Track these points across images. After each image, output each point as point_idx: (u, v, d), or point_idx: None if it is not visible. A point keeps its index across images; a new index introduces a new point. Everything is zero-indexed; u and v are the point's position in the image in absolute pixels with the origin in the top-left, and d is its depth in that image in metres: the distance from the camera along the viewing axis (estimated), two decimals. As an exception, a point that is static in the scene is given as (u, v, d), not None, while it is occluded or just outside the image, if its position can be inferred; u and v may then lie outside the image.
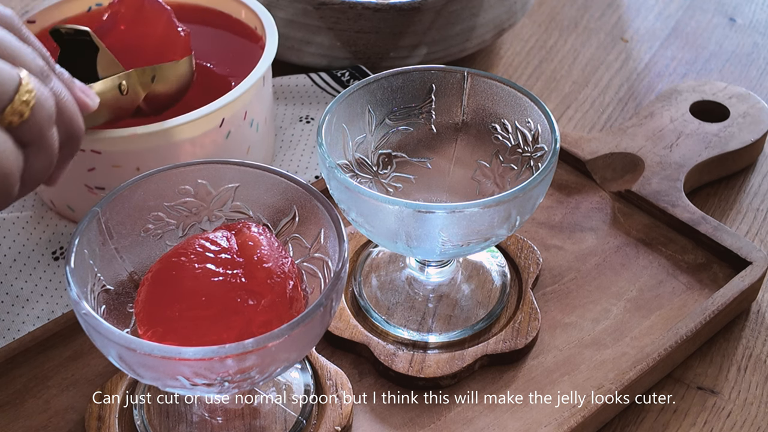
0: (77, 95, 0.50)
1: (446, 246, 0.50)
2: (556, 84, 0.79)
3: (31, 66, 0.45)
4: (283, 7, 0.73)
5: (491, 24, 0.76)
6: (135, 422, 0.50)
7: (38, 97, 0.44)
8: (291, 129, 0.71)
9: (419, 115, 0.57)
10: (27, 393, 0.53)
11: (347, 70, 0.75)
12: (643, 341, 0.55)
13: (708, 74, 0.80)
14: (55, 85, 0.47)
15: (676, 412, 0.54)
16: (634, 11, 0.88)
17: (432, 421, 0.52)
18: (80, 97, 0.51)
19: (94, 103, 0.52)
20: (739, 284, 0.57)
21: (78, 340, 0.55)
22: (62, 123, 0.47)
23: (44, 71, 0.46)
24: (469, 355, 0.54)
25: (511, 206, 0.49)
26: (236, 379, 0.42)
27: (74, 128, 0.48)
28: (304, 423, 0.50)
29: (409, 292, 0.57)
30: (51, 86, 0.46)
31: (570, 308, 0.58)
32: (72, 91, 0.50)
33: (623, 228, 0.63)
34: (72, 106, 0.48)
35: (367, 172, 0.57)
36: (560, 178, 0.66)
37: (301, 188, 0.49)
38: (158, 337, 0.44)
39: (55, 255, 0.61)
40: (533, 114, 0.54)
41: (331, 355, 0.55)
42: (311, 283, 0.49)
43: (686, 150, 0.66)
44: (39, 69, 0.46)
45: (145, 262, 0.50)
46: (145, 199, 0.49)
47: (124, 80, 0.56)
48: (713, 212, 0.66)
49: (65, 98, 0.47)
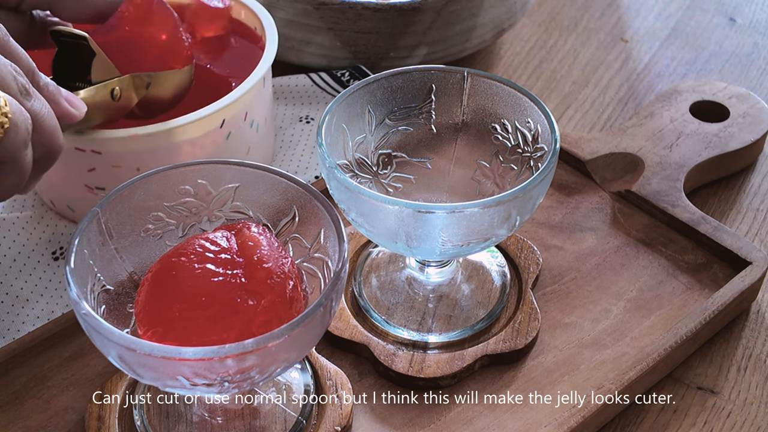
0: (61, 106, 0.50)
1: (446, 246, 0.50)
2: (556, 84, 0.79)
3: (10, 85, 0.45)
4: (283, 7, 0.73)
5: (491, 24, 0.76)
6: (135, 422, 0.50)
7: (13, 120, 0.44)
8: (291, 129, 0.71)
9: (419, 115, 0.57)
10: (27, 393, 0.53)
11: (347, 70, 0.75)
12: (643, 341, 0.55)
13: (708, 74, 0.80)
14: (35, 104, 0.47)
15: (676, 412, 0.54)
16: (634, 11, 0.88)
17: (432, 421, 0.52)
18: (64, 107, 0.51)
19: (80, 112, 0.52)
20: (739, 284, 0.57)
21: (78, 340, 0.55)
22: (40, 141, 0.47)
23: (24, 90, 0.46)
24: (469, 355, 0.54)
25: (511, 206, 0.49)
26: (236, 379, 0.42)
27: (53, 146, 0.48)
28: (304, 423, 0.50)
29: (409, 292, 0.57)
30: (31, 105, 0.46)
31: (570, 308, 0.58)
32: (56, 102, 0.50)
33: (623, 228, 0.63)
34: (51, 123, 0.48)
35: (367, 172, 0.57)
36: (560, 178, 0.66)
37: (301, 188, 0.49)
38: (158, 337, 0.44)
39: (55, 255, 0.61)
40: (533, 114, 0.54)
41: (331, 355, 0.55)
42: (311, 283, 0.49)
43: (686, 150, 0.66)
44: (18, 88, 0.46)
45: (145, 262, 0.50)
46: (145, 199, 0.49)
47: (117, 86, 0.55)
48: (713, 212, 0.66)
49: (44, 117, 0.47)
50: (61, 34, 0.56)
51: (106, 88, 0.55)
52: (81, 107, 0.52)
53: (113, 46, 0.56)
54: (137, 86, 0.57)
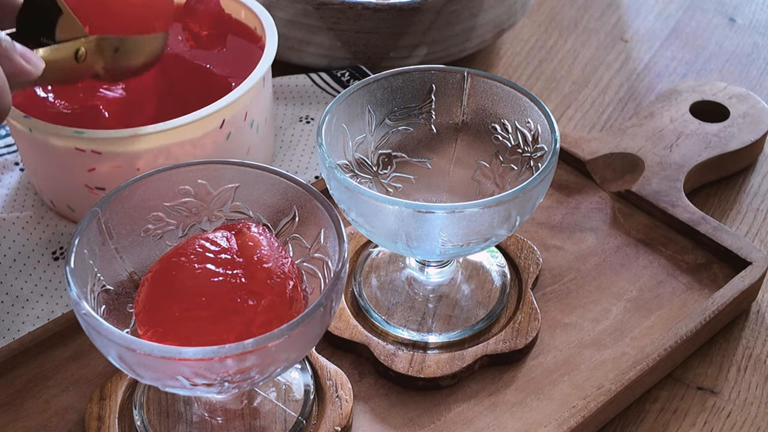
0: (15, 62, 0.48)
1: (446, 246, 0.50)
2: (556, 84, 0.79)
3: None
4: (283, 7, 0.73)
5: (491, 24, 0.76)
6: (135, 422, 0.50)
7: None
8: (291, 129, 0.71)
9: (419, 115, 0.57)
10: (27, 393, 0.53)
11: (347, 70, 0.75)
12: (643, 341, 0.55)
13: (708, 74, 0.80)
14: None
15: (676, 412, 0.54)
16: (634, 11, 0.88)
17: (432, 421, 0.52)
18: (19, 62, 0.48)
19: (37, 69, 0.49)
20: (739, 284, 0.57)
21: (78, 340, 0.55)
22: None
23: None
24: (469, 355, 0.54)
25: (511, 206, 0.49)
26: (236, 379, 0.42)
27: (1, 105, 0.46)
28: (304, 423, 0.50)
29: (409, 293, 0.57)
30: None
31: (570, 308, 0.58)
32: (10, 58, 0.47)
33: (623, 228, 0.63)
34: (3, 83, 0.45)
35: (367, 172, 0.57)
36: (560, 178, 0.66)
37: (301, 188, 0.49)
38: (158, 337, 0.44)
39: (55, 255, 0.61)
40: (533, 114, 0.54)
41: (331, 355, 0.55)
42: (311, 283, 0.49)
43: (686, 150, 0.66)
44: None
45: (145, 262, 0.50)
46: (145, 199, 0.49)
47: (82, 47, 0.53)
48: (713, 212, 0.66)
49: None
50: None
51: (70, 49, 0.53)
52: (38, 64, 0.49)
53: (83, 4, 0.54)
54: (104, 49, 0.55)
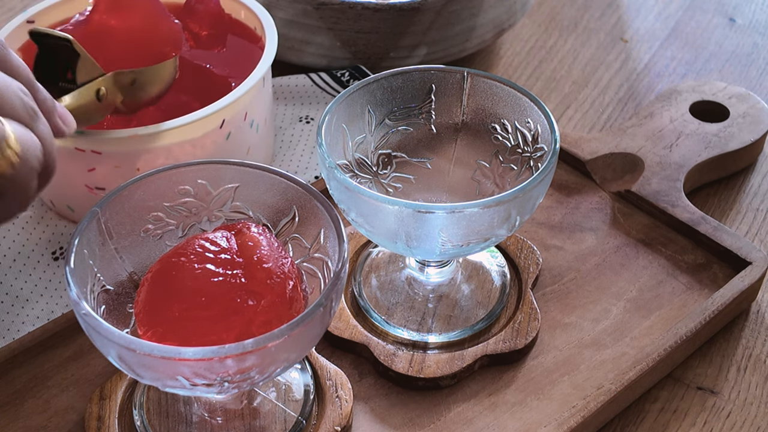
0: (55, 123, 0.47)
1: (446, 246, 0.50)
2: (556, 84, 0.79)
3: (19, 112, 0.41)
4: (283, 7, 0.73)
5: (491, 24, 0.76)
6: (135, 422, 0.50)
7: (23, 155, 0.40)
8: (291, 129, 0.71)
9: (419, 115, 0.57)
10: (27, 393, 0.53)
11: (347, 70, 0.75)
12: (643, 341, 0.55)
13: (708, 74, 0.80)
14: (41, 127, 0.43)
15: (676, 412, 0.54)
16: (634, 11, 0.88)
17: (432, 421, 0.52)
18: (57, 124, 0.47)
19: (70, 130, 0.49)
20: (739, 284, 0.57)
21: (78, 340, 0.55)
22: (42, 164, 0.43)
23: (32, 112, 0.42)
24: (469, 355, 0.54)
25: (511, 206, 0.49)
26: (236, 379, 0.42)
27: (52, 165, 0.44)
28: (304, 423, 0.50)
29: (408, 293, 0.57)
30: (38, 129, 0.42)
31: (570, 308, 0.58)
32: (51, 118, 0.46)
33: (623, 228, 0.63)
34: (51, 143, 0.44)
35: (367, 173, 0.57)
36: (560, 178, 0.66)
37: (301, 188, 0.49)
38: (158, 338, 0.44)
39: (55, 255, 0.61)
40: (533, 114, 0.54)
41: (331, 355, 0.55)
42: (311, 283, 0.49)
43: (686, 150, 0.66)
44: (28, 111, 0.42)
45: (145, 262, 0.50)
46: (145, 199, 0.49)
47: (102, 86, 0.53)
48: (713, 212, 0.66)
49: (47, 139, 0.43)
50: (41, 35, 0.53)
51: (91, 90, 0.53)
52: (71, 124, 0.49)
53: (91, 39, 0.54)
54: (122, 83, 0.55)
